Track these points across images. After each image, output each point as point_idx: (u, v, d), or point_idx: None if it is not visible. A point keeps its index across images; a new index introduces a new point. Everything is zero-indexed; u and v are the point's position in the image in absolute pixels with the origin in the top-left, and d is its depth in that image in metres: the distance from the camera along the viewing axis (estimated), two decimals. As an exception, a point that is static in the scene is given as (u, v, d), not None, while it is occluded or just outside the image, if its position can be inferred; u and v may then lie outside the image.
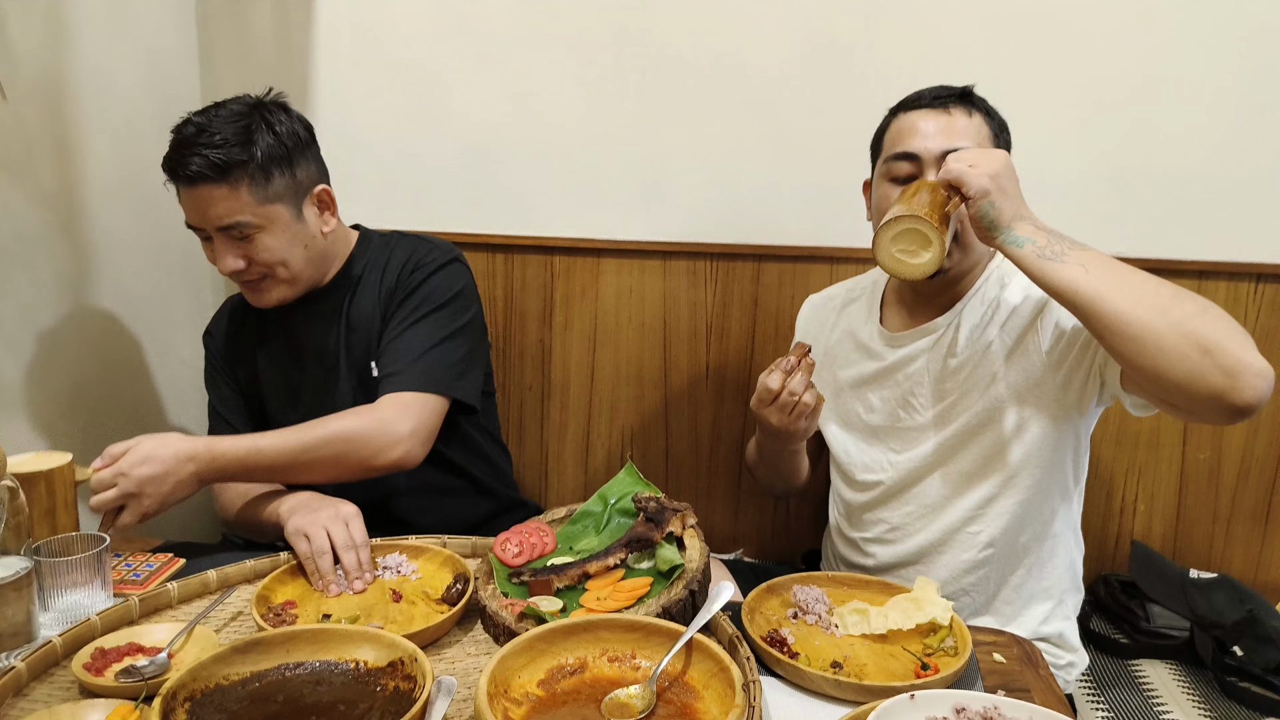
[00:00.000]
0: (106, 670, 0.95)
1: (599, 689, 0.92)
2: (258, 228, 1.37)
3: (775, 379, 1.27)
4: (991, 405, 1.32)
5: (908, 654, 1.05)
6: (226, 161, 1.32)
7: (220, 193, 1.34)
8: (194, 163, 1.32)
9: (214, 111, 1.38)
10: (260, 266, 1.41)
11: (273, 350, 1.56)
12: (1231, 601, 1.62)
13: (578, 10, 1.87)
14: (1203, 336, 1.02)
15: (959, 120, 1.28)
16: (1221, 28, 1.67)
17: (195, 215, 1.38)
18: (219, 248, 1.39)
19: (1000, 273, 1.36)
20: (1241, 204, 1.73)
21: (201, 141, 1.32)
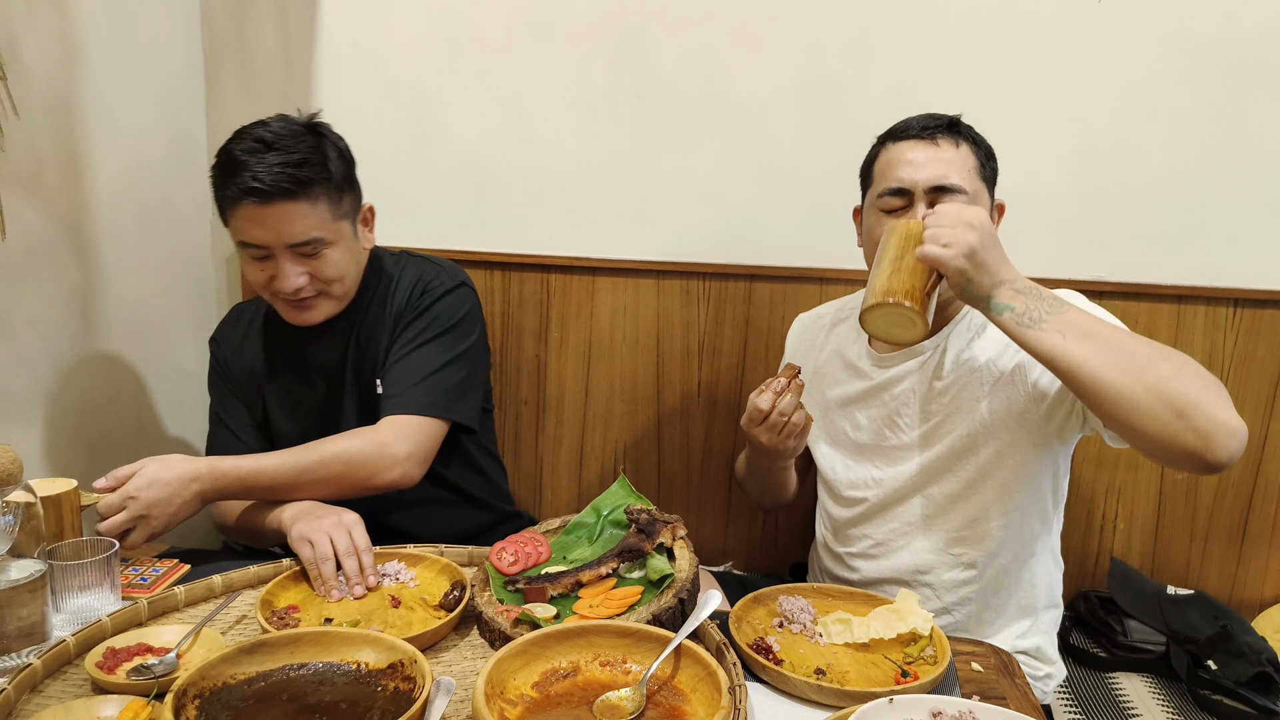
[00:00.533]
0: (118, 669, 0.99)
1: (591, 691, 0.96)
2: (329, 244, 1.39)
3: (765, 399, 1.30)
4: (975, 429, 1.35)
5: (889, 662, 1.09)
6: (310, 178, 1.34)
7: (300, 209, 1.34)
8: (273, 178, 1.31)
9: (274, 129, 1.36)
10: (320, 283, 1.41)
11: (280, 362, 1.57)
12: (1206, 617, 1.67)
13: (574, 34, 1.93)
14: (1178, 399, 1.05)
15: (946, 151, 1.30)
16: (1201, 59, 1.73)
17: (264, 232, 1.35)
18: (285, 265, 1.37)
19: None
20: (1220, 230, 1.78)
21: (279, 159, 1.32)
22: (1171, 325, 1.81)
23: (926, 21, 1.81)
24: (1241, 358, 1.80)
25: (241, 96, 2.08)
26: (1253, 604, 1.87)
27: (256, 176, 1.31)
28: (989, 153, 1.38)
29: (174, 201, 2.01)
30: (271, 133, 1.35)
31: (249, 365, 1.59)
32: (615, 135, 1.96)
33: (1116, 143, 1.79)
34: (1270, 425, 1.81)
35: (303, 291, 1.40)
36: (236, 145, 1.35)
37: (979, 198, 1.32)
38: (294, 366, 1.56)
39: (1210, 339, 1.81)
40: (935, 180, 1.28)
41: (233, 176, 1.33)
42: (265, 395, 1.59)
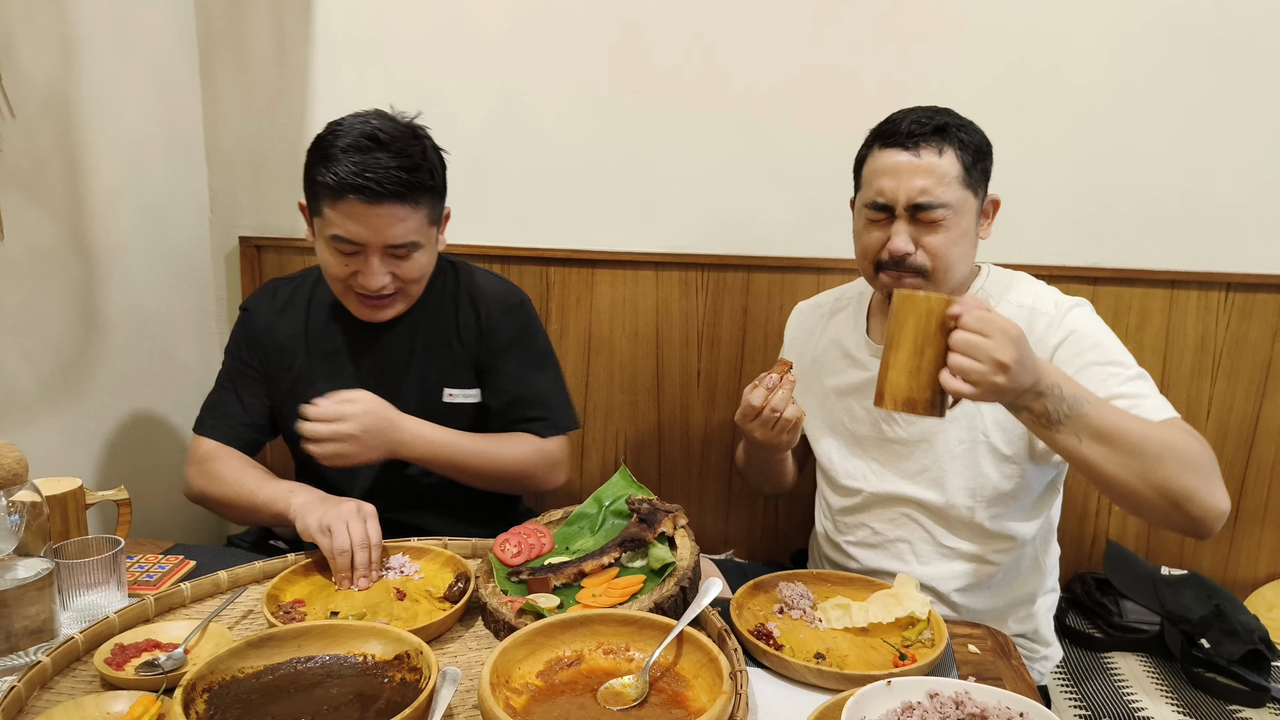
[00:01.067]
0: (126, 665, 1.00)
1: (595, 679, 0.98)
2: (420, 248, 1.40)
3: (758, 395, 1.31)
4: (974, 435, 1.37)
5: (887, 646, 1.11)
6: (420, 183, 1.35)
7: (403, 212, 1.34)
8: (388, 181, 1.31)
9: (383, 127, 1.35)
10: (400, 283, 1.42)
11: (323, 349, 1.54)
12: (1200, 597, 1.69)
13: (574, 30, 1.94)
14: (1177, 494, 1.13)
15: (927, 160, 1.30)
16: (1196, 48, 1.74)
17: (365, 230, 1.34)
18: (375, 264, 1.37)
19: (983, 294, 1.40)
20: (1212, 216, 1.80)
21: (393, 161, 1.32)
22: (1165, 309, 1.83)
23: (923, 12, 1.81)
24: (1234, 340, 1.82)
25: (238, 92, 2.08)
26: (1245, 583, 1.89)
27: (369, 174, 1.30)
28: (980, 150, 1.35)
29: (173, 199, 2.01)
30: (382, 132, 1.34)
31: (282, 344, 1.55)
32: (614, 128, 1.96)
33: (1112, 131, 1.80)
34: (1262, 407, 1.83)
35: (384, 290, 1.40)
36: (343, 138, 1.34)
37: (962, 207, 1.31)
38: (343, 357, 1.53)
39: (1203, 322, 1.82)
40: (913, 198, 1.30)
41: (340, 170, 1.31)
42: (296, 379, 1.54)
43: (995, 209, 1.41)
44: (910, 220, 1.32)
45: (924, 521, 1.42)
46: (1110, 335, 1.32)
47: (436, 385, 1.53)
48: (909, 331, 1.06)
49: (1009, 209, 1.83)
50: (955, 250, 1.32)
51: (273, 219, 2.14)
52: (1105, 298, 1.84)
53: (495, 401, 1.56)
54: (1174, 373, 1.85)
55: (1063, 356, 1.29)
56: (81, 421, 1.75)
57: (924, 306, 1.05)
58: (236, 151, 2.12)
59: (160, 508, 1.99)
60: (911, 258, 1.32)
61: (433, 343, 1.53)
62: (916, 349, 1.05)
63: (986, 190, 1.38)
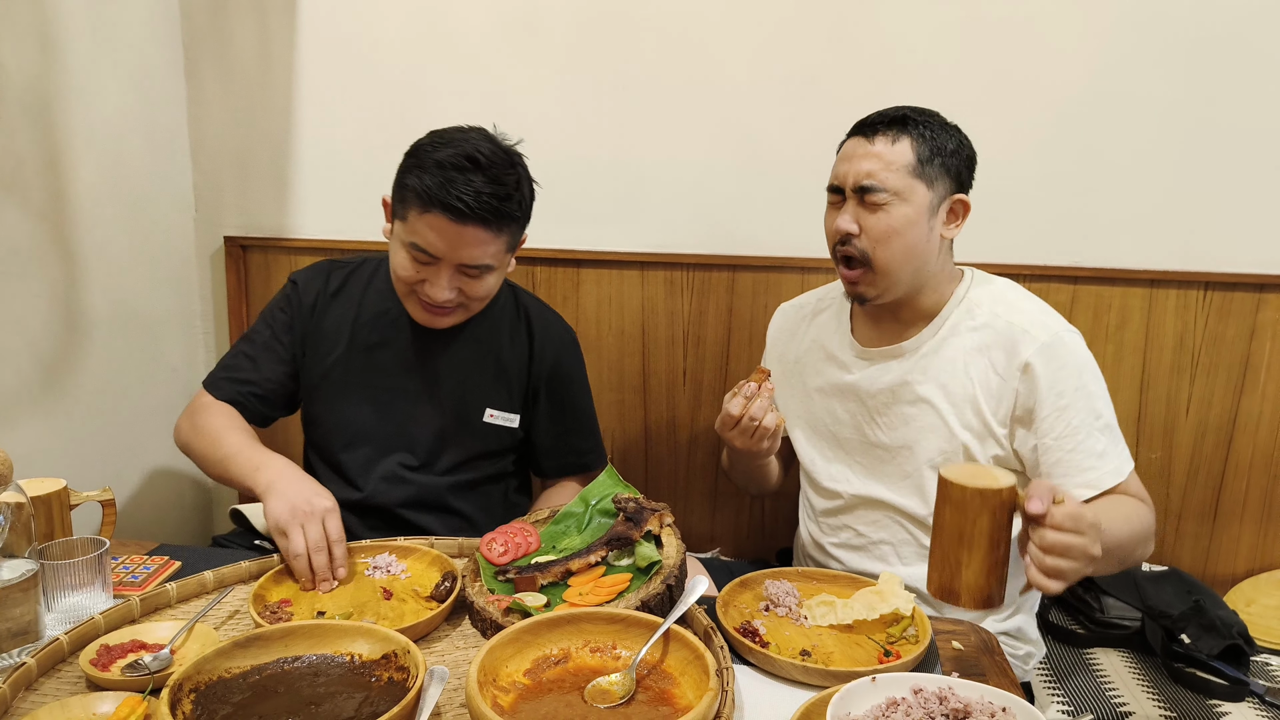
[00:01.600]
0: (112, 665, 0.99)
1: (582, 677, 0.98)
2: (493, 270, 1.40)
3: (736, 405, 1.33)
4: (954, 445, 1.38)
5: (872, 642, 1.12)
6: (509, 212, 1.35)
7: (485, 236, 1.34)
8: (478, 205, 1.31)
9: (483, 150, 1.34)
10: (464, 298, 1.41)
11: (368, 344, 1.51)
12: (1180, 593, 1.71)
13: (557, 29, 1.94)
14: (1136, 563, 1.34)
15: (878, 147, 1.33)
16: (1172, 49, 1.76)
17: (444, 245, 1.34)
18: (445, 278, 1.37)
19: (969, 302, 1.40)
20: (1191, 216, 1.82)
21: (487, 186, 1.32)
22: (1144, 308, 1.85)
23: (905, 12, 1.83)
24: (1211, 338, 1.84)
25: (223, 91, 2.08)
26: (1224, 579, 1.92)
27: (462, 194, 1.30)
28: (942, 148, 1.34)
29: (156, 197, 2.00)
30: (482, 154, 1.33)
31: (326, 330, 1.52)
32: (599, 128, 1.97)
33: (1092, 132, 1.82)
34: (1239, 404, 1.85)
35: (448, 303, 1.40)
36: (442, 151, 1.34)
37: (909, 194, 1.32)
38: (388, 357, 1.51)
39: (1181, 320, 1.85)
40: (859, 180, 1.33)
41: (433, 183, 1.31)
42: (333, 368, 1.51)
43: (965, 211, 1.39)
44: (858, 203, 1.35)
45: (906, 524, 1.44)
46: (1094, 375, 1.34)
47: (480, 404, 1.52)
48: (983, 529, 0.97)
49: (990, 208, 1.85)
50: (897, 240, 1.33)
51: (258, 218, 2.13)
52: (1086, 296, 1.87)
53: (547, 433, 1.58)
54: (1154, 370, 1.87)
55: (1043, 386, 1.31)
56: (64, 422, 1.74)
57: (996, 501, 0.97)
58: (221, 150, 2.11)
59: (145, 508, 1.98)
60: (854, 240, 1.35)
61: (483, 360, 1.52)
62: (993, 545, 0.98)
63: (953, 189, 1.37)
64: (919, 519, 1.42)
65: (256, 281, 2.17)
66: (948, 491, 0.98)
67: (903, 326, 1.43)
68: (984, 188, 1.86)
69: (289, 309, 1.54)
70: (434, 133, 1.40)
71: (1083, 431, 1.30)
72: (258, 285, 2.17)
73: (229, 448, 1.39)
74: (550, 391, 1.57)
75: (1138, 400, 1.88)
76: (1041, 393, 1.31)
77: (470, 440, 1.52)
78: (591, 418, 1.65)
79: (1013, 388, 1.33)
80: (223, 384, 1.51)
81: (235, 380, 1.51)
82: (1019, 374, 1.32)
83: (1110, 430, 1.32)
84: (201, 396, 1.51)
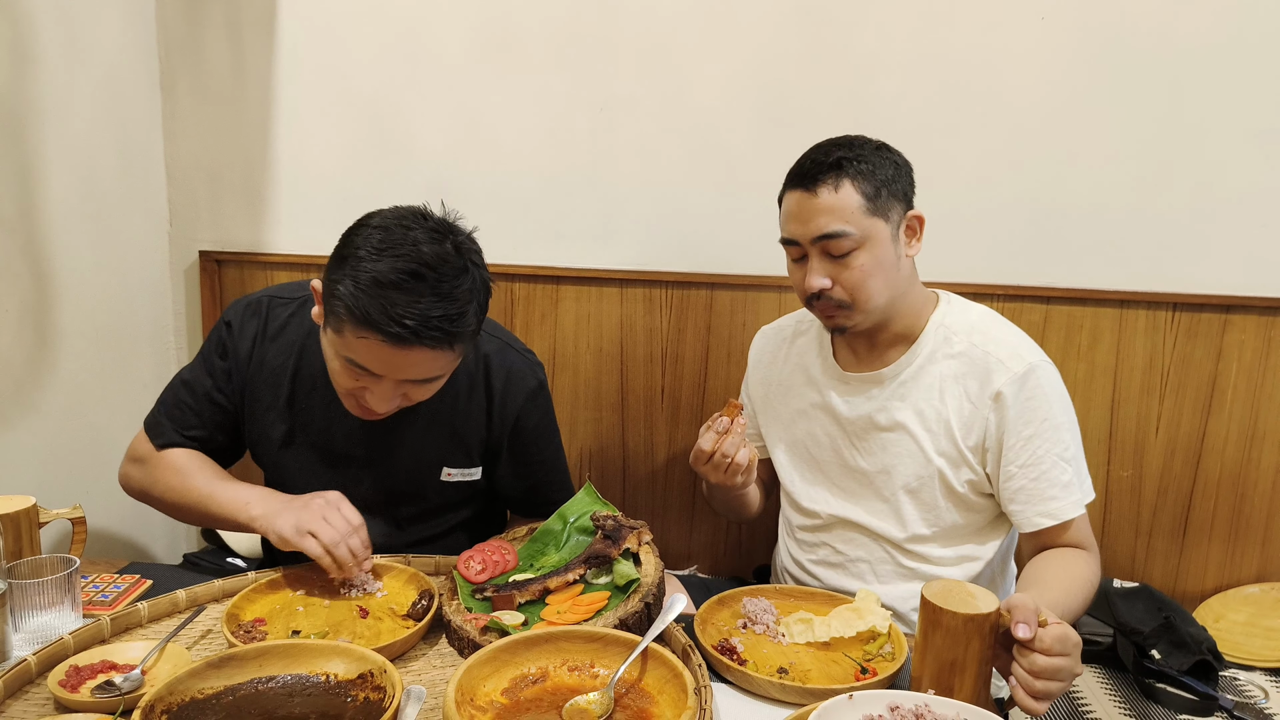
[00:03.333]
0: (81, 687, 0.98)
1: (560, 696, 0.98)
2: (443, 377, 1.26)
3: (708, 440, 1.32)
4: (929, 470, 1.39)
5: (849, 660, 1.12)
6: (459, 334, 1.17)
7: (432, 355, 1.17)
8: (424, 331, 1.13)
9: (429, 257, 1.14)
10: (408, 402, 1.26)
11: (312, 399, 1.38)
12: (1150, 609, 1.74)
13: (535, 47, 1.95)
14: None
15: (824, 199, 1.31)
16: (1140, 74, 1.80)
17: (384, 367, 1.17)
18: (385, 390, 1.20)
19: (946, 330, 1.39)
20: (1160, 238, 1.86)
21: (437, 310, 1.13)
22: (1115, 328, 1.89)
23: (878, 35, 1.86)
24: (1180, 359, 1.88)
25: (197, 105, 2.07)
26: (1194, 595, 1.94)
27: (406, 321, 1.11)
28: (884, 177, 1.32)
29: (130, 212, 1.99)
30: (428, 265, 1.13)
31: (267, 375, 1.38)
32: (577, 147, 1.98)
33: (1061, 154, 1.86)
34: (1207, 424, 1.89)
35: (391, 412, 1.26)
36: (378, 264, 1.12)
37: (871, 235, 1.31)
38: (333, 415, 1.36)
39: (1151, 341, 1.88)
40: (816, 233, 1.32)
41: (369, 306, 1.12)
42: (270, 423, 1.39)
43: (921, 225, 1.38)
44: (821, 256, 1.33)
45: (884, 545, 1.45)
46: (1064, 407, 1.35)
47: (436, 463, 1.41)
48: (974, 652, 0.97)
49: (961, 230, 1.89)
50: (873, 282, 1.33)
51: (233, 233, 2.12)
52: (1058, 316, 1.90)
53: (513, 486, 1.48)
54: (1124, 390, 1.90)
55: (1012, 415, 1.32)
56: (32, 437, 1.71)
57: (986, 625, 0.97)
58: (197, 165, 2.10)
59: (115, 526, 1.95)
60: (829, 292, 1.34)
61: (436, 423, 1.39)
62: (982, 663, 0.99)
63: (906, 209, 1.36)
64: (895, 541, 1.43)
65: (231, 296, 2.15)
66: (937, 617, 0.97)
67: (881, 351, 1.43)
68: (957, 209, 1.89)
69: (226, 354, 1.39)
70: (368, 227, 1.18)
71: (1047, 461, 1.32)
72: (232, 300, 2.14)
73: (204, 488, 1.31)
74: (513, 447, 1.44)
75: (1108, 419, 1.91)
76: (1010, 422, 1.33)
77: (426, 499, 1.43)
78: (560, 466, 1.52)
79: (984, 415, 1.35)
80: (168, 432, 1.39)
81: (180, 431, 1.39)
82: (990, 403, 1.34)
83: (1075, 462, 1.34)
84: (143, 443, 1.40)
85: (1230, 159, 1.81)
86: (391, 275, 1.12)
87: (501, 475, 1.47)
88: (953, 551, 1.42)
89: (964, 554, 1.43)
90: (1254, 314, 1.84)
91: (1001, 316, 1.44)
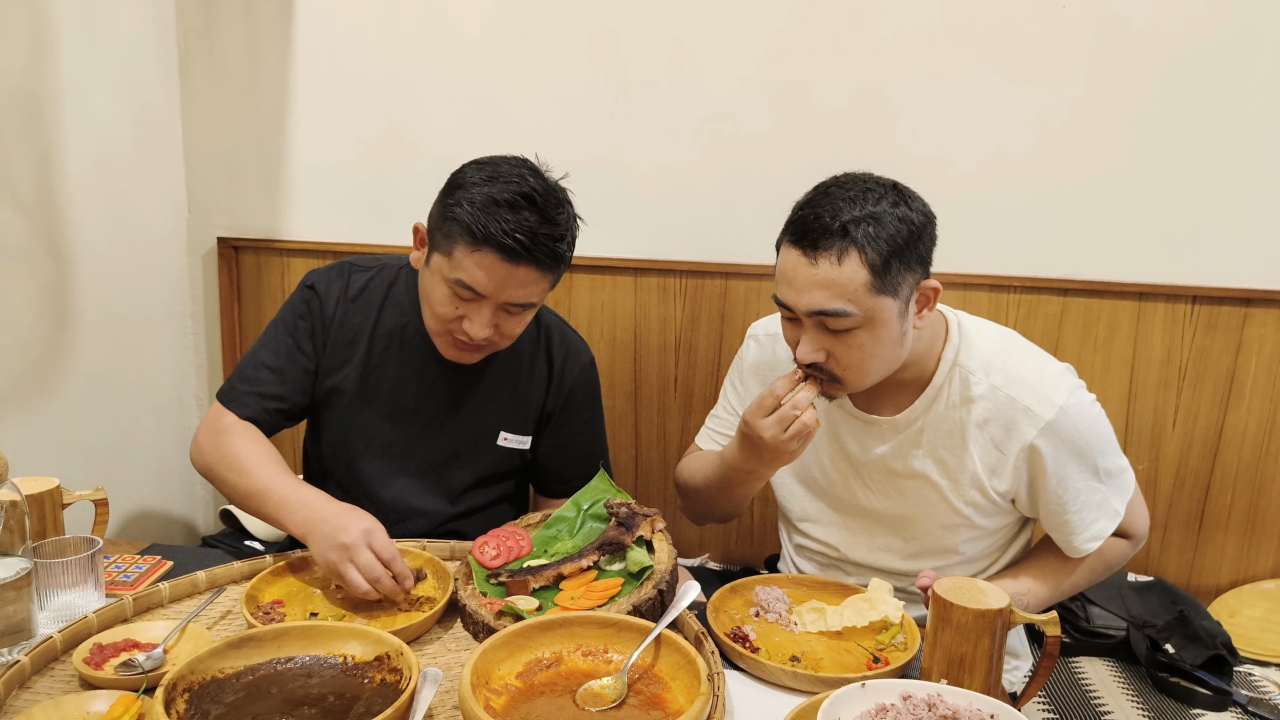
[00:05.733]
0: (105, 664, 1.00)
1: (574, 680, 0.99)
2: (534, 308, 1.36)
3: (782, 384, 1.21)
4: (957, 520, 1.33)
5: (861, 649, 1.13)
6: (561, 255, 1.32)
7: (535, 276, 1.29)
8: (534, 246, 1.26)
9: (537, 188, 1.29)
10: (499, 335, 1.35)
11: (384, 358, 1.45)
12: (1164, 603, 1.73)
13: (550, 35, 1.95)
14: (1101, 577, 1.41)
15: (825, 271, 1.15)
16: (1160, 65, 1.78)
17: (492, 285, 1.27)
18: (487, 315, 1.30)
19: (962, 370, 1.28)
20: (1179, 230, 1.84)
21: (544, 229, 1.27)
22: (1133, 321, 1.87)
23: (894, 24, 1.84)
24: (1199, 352, 1.86)
25: (215, 91, 2.08)
26: (1209, 590, 1.93)
27: (519, 235, 1.24)
28: (896, 246, 1.15)
29: (148, 197, 2.00)
30: (537, 193, 1.28)
31: (346, 336, 1.45)
32: (592, 135, 1.98)
33: (1081, 146, 1.84)
34: (1225, 417, 1.87)
35: (485, 341, 1.34)
36: (492, 187, 1.26)
37: (875, 315, 1.17)
38: (405, 374, 1.45)
39: (1169, 334, 1.87)
40: (813, 308, 1.18)
41: (489, 222, 1.24)
42: (346, 378, 1.45)
43: (935, 296, 1.24)
44: (817, 327, 1.20)
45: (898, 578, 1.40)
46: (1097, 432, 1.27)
47: (494, 427, 1.48)
48: (984, 650, 0.98)
49: (984, 222, 1.87)
50: (871, 363, 1.21)
51: (251, 219, 2.13)
52: (1075, 309, 1.89)
53: (553, 458, 1.54)
54: (1141, 383, 1.89)
55: (1050, 464, 1.25)
56: (52, 421, 1.74)
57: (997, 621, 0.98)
58: (215, 151, 2.11)
59: (132, 508, 1.98)
60: (823, 364, 1.22)
61: (501, 385, 1.47)
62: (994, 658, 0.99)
63: (921, 277, 1.21)
64: (910, 573, 1.39)
65: (248, 282, 2.17)
66: (948, 614, 0.97)
67: (894, 393, 1.32)
68: (976, 201, 1.87)
69: (310, 315, 1.45)
70: (477, 163, 1.33)
71: (1085, 491, 1.27)
72: (249, 286, 2.17)
73: (258, 483, 1.30)
74: (563, 418, 1.53)
75: (1125, 412, 1.90)
76: (1048, 470, 1.26)
77: (481, 463, 1.49)
78: (601, 443, 1.59)
79: (1014, 465, 1.28)
80: (246, 399, 1.40)
81: (260, 395, 1.41)
82: (1023, 454, 1.26)
83: (1110, 476, 1.29)
84: (222, 416, 1.39)
85: (1251, 151, 1.79)
86: (505, 196, 1.26)
87: (546, 443, 1.53)
88: (966, 570, 1.40)
89: (977, 571, 1.41)
90: (1276, 307, 1.82)
91: (1017, 337, 1.34)
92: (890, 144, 1.87)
